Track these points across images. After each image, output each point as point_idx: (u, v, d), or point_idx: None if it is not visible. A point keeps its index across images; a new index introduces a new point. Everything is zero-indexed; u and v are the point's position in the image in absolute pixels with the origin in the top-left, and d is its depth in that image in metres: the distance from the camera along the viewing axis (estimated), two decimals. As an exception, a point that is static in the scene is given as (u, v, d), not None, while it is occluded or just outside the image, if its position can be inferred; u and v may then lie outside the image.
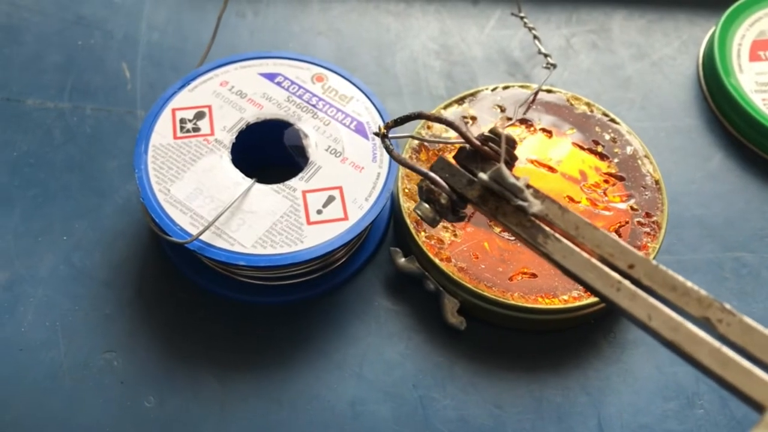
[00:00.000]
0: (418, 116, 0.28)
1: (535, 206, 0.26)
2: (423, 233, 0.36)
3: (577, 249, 0.26)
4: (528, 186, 0.27)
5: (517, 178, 0.26)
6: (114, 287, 0.36)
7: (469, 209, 0.30)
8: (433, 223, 0.28)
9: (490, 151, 0.28)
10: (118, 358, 0.34)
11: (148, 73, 0.43)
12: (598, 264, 0.25)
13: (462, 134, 0.28)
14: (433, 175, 0.28)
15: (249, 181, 0.35)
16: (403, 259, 0.36)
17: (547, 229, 0.26)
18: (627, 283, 0.24)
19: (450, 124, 0.28)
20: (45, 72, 0.43)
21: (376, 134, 0.29)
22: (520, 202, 0.26)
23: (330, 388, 0.34)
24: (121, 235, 0.38)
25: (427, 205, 0.28)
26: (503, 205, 0.27)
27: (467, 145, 0.28)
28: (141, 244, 0.38)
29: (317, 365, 0.35)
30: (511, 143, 0.28)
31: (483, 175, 0.27)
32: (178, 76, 0.43)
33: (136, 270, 0.37)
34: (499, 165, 0.26)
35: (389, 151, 0.29)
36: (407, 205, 0.37)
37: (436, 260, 0.35)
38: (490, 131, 0.28)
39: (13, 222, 0.38)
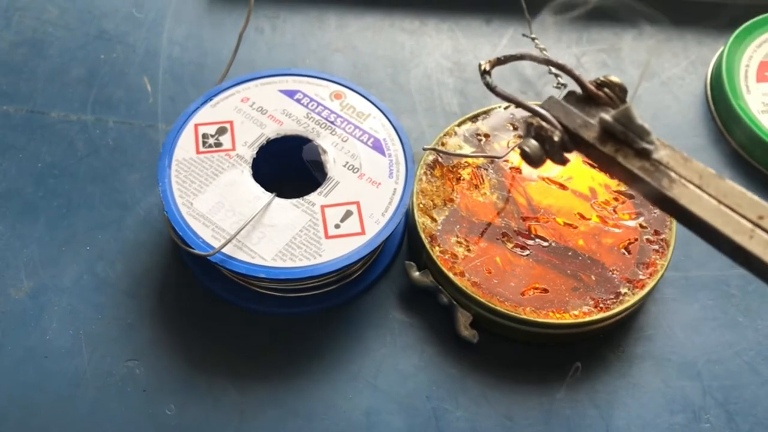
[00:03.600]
0: (524, 57, 0.29)
1: (661, 150, 0.26)
2: (437, 248, 0.37)
3: (705, 195, 0.25)
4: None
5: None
6: (136, 297, 0.37)
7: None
8: (539, 162, 0.28)
9: (604, 96, 0.28)
10: (140, 367, 0.35)
11: (169, 87, 0.45)
12: (728, 211, 0.24)
13: (575, 77, 0.28)
14: (545, 112, 0.28)
15: (269, 195, 0.36)
16: (417, 273, 0.37)
17: (673, 173, 0.26)
18: (760, 231, 0.23)
19: (562, 67, 0.28)
20: (68, 85, 0.44)
21: (481, 73, 0.29)
22: (646, 145, 0.26)
23: (346, 398, 0.35)
24: (143, 246, 0.39)
25: (535, 143, 0.28)
26: (624, 147, 0.26)
27: (577, 90, 0.28)
28: (162, 255, 0.39)
29: (333, 376, 0.36)
30: (624, 91, 0.28)
31: (606, 116, 0.26)
32: (199, 90, 0.44)
33: (157, 280, 0.38)
34: (627, 105, 0.26)
35: (492, 88, 0.29)
36: (422, 221, 0.38)
37: (450, 274, 0.36)
38: (602, 77, 0.28)
39: (38, 231, 0.39)
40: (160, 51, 0.46)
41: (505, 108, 0.42)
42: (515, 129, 0.41)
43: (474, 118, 0.42)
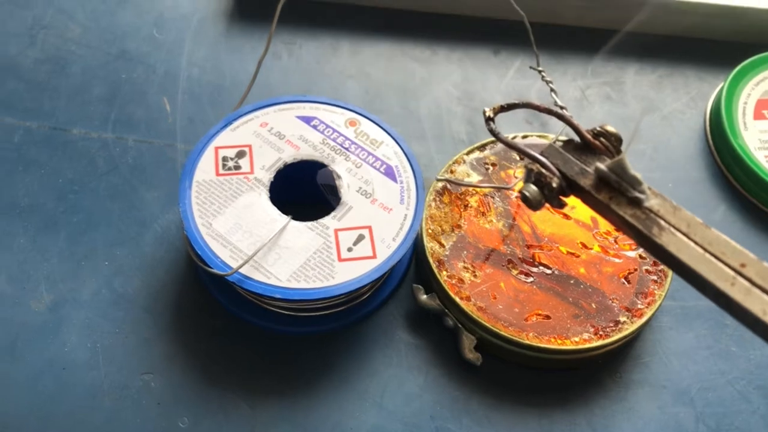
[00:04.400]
0: (526, 105, 0.31)
1: (651, 199, 0.28)
2: (444, 272, 0.38)
3: (692, 243, 0.27)
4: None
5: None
6: (152, 312, 0.39)
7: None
8: (538, 206, 0.30)
9: (600, 146, 0.30)
10: (155, 380, 0.37)
11: (187, 107, 0.46)
12: (712, 259, 0.26)
13: (573, 127, 0.30)
14: (545, 160, 0.30)
15: (285, 218, 0.37)
16: (424, 296, 0.39)
17: (662, 221, 0.27)
18: (742, 279, 0.25)
19: (561, 117, 0.30)
20: (90, 103, 0.46)
21: (485, 119, 0.31)
22: (638, 194, 0.28)
23: (353, 417, 0.37)
24: (160, 262, 0.40)
25: (535, 188, 0.30)
26: (617, 195, 0.28)
27: (575, 138, 0.30)
28: (179, 272, 0.40)
29: (341, 394, 0.37)
30: (620, 141, 0.30)
31: (602, 165, 0.28)
32: (216, 111, 0.46)
33: (174, 297, 0.39)
34: (620, 157, 0.28)
35: (495, 134, 0.31)
36: (430, 245, 0.39)
37: (456, 298, 0.38)
38: (599, 127, 0.30)
39: (59, 246, 0.40)
40: (179, 72, 0.48)
41: (512, 138, 0.43)
42: (521, 159, 0.43)
43: (482, 147, 0.43)
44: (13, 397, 0.36)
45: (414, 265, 0.42)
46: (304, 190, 0.40)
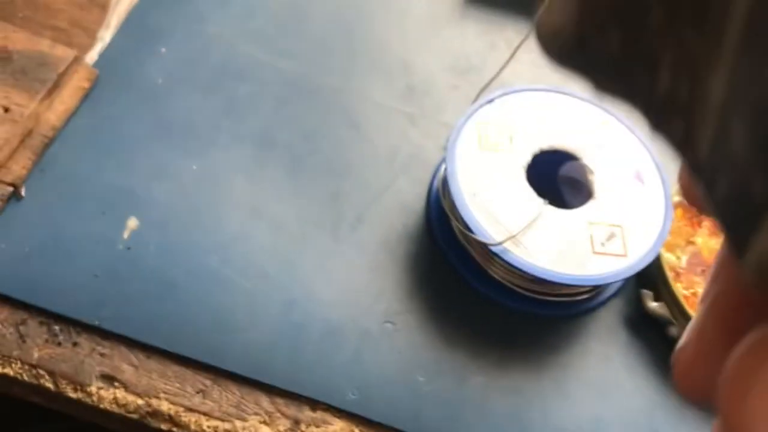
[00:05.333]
0: None
1: None
2: (680, 284, 0.39)
3: None
4: None
5: None
6: (394, 264, 0.40)
7: None
8: None
9: None
10: (396, 330, 0.38)
11: (448, 79, 0.48)
12: None
13: None
14: None
15: (541, 200, 0.39)
16: (654, 304, 0.40)
17: None
18: None
19: None
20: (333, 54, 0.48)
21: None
22: None
23: (575, 402, 0.38)
24: (402, 225, 0.42)
25: None
26: None
27: None
28: (417, 235, 0.42)
29: (566, 379, 0.39)
30: None
31: None
32: (469, 91, 0.47)
33: (415, 255, 0.41)
34: None
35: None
36: (667, 256, 0.40)
37: (690, 311, 0.39)
38: None
39: (304, 187, 0.42)
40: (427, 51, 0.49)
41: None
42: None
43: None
44: (270, 319, 0.38)
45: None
46: (549, 179, 0.41)
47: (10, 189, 0.37)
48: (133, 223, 0.39)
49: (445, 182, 0.40)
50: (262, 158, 0.43)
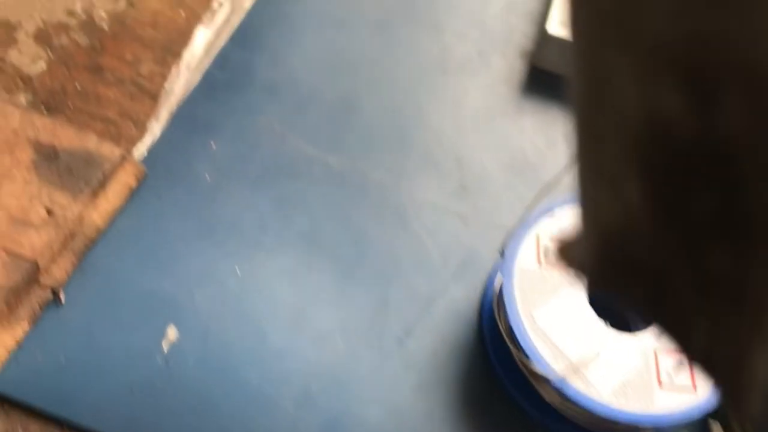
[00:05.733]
0: None
1: None
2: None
3: None
4: None
5: None
6: (443, 387, 0.38)
7: None
8: None
9: None
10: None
11: (507, 179, 0.46)
12: None
13: None
14: None
15: (602, 322, 0.36)
16: (725, 438, 0.37)
17: None
18: None
19: None
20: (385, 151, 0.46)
21: None
22: None
23: None
24: (452, 333, 0.40)
25: None
26: None
27: None
28: (465, 342, 0.39)
29: None
30: None
31: None
32: (524, 192, 0.45)
33: (459, 367, 0.39)
34: None
35: None
36: (740, 386, 0.37)
37: (767, 453, 0.35)
38: None
39: (353, 294, 0.40)
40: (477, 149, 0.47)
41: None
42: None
43: None
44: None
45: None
46: (605, 299, 0.39)
47: (50, 295, 0.36)
48: (172, 333, 0.37)
49: (500, 300, 0.37)
50: (308, 262, 0.41)
